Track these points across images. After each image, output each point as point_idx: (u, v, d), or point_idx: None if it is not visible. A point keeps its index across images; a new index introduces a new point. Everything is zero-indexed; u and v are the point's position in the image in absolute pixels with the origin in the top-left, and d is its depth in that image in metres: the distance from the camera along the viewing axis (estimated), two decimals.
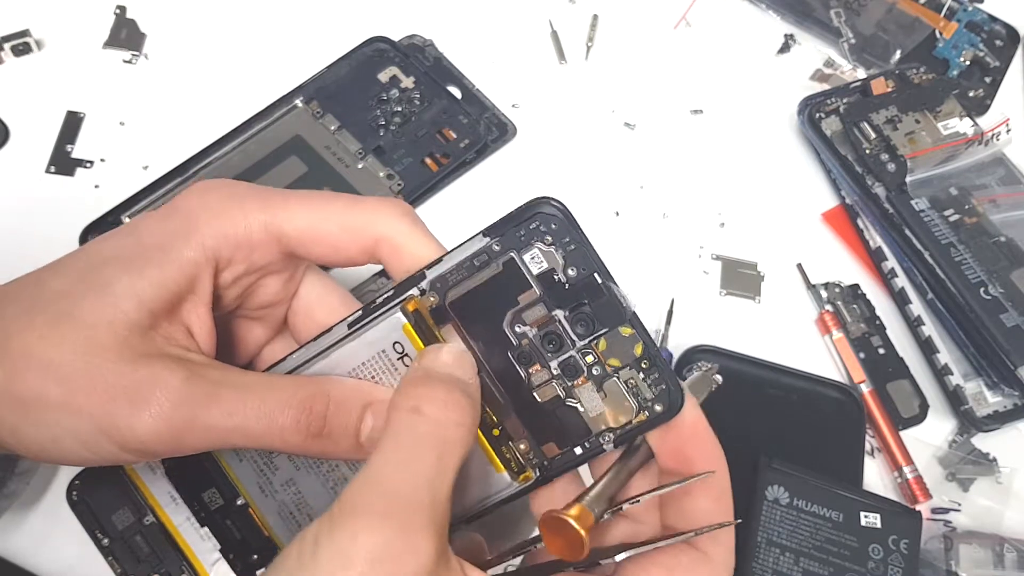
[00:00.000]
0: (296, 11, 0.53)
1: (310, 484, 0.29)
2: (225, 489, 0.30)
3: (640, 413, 0.27)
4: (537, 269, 0.26)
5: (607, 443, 0.27)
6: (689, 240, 0.49)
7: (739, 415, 0.43)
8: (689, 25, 0.56)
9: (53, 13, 0.50)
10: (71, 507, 0.36)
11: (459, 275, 0.27)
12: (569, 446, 0.27)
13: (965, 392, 0.45)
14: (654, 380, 0.26)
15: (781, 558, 0.38)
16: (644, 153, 0.52)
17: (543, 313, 0.26)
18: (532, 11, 0.55)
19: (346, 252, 0.28)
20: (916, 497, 0.42)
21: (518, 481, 0.27)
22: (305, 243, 0.28)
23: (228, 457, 0.30)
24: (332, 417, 0.26)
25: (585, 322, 0.26)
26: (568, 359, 0.27)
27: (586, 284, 0.26)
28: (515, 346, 0.27)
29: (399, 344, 0.27)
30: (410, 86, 0.49)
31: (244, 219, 0.27)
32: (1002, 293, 0.44)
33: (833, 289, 0.48)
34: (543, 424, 0.27)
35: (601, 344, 0.26)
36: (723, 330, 0.46)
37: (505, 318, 0.27)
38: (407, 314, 0.27)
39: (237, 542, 0.30)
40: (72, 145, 0.47)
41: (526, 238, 0.26)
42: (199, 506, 0.30)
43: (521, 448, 0.27)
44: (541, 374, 0.27)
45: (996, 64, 0.55)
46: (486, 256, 0.26)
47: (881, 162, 0.48)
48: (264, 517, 0.30)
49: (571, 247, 0.26)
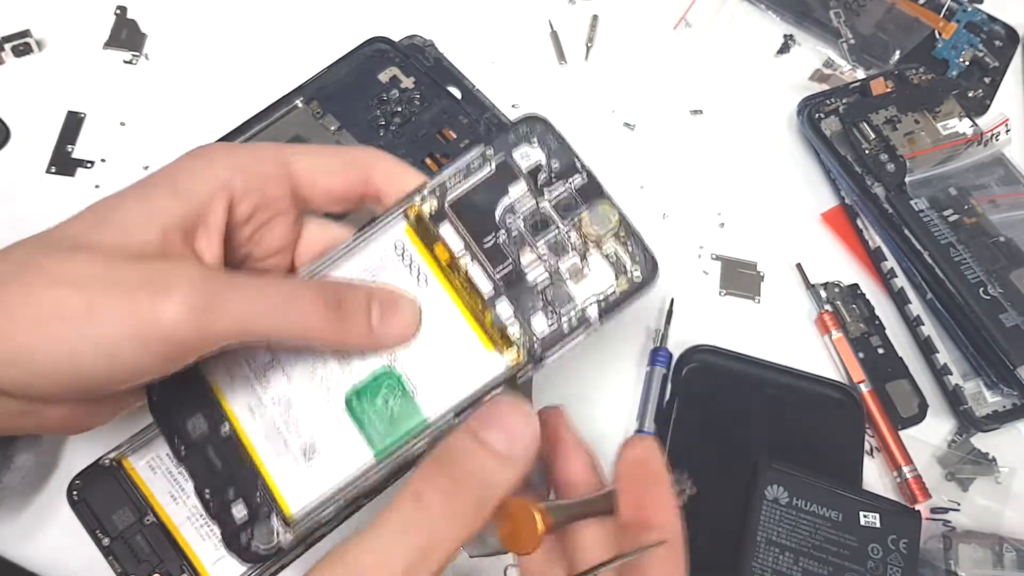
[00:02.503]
0: (296, 11, 0.53)
1: (302, 396, 0.30)
2: (211, 415, 0.30)
3: (620, 281, 0.29)
4: (525, 164, 0.30)
5: (592, 312, 0.29)
6: (689, 240, 0.49)
7: (739, 415, 0.43)
8: (689, 25, 0.56)
9: (53, 13, 0.50)
10: (71, 507, 0.36)
11: (456, 179, 0.30)
12: (557, 320, 0.29)
13: (964, 392, 0.45)
14: (631, 251, 0.30)
15: (780, 558, 0.38)
16: (644, 153, 0.52)
17: (531, 202, 0.30)
18: (532, 11, 0.55)
19: (347, 183, 0.31)
20: (915, 497, 0.43)
21: (511, 362, 0.29)
22: (311, 175, 0.30)
23: (219, 378, 0.30)
24: (345, 297, 0.28)
25: (568, 202, 0.30)
26: (554, 237, 0.30)
27: (569, 172, 0.30)
28: (507, 233, 0.30)
29: (400, 243, 0.30)
30: (410, 86, 0.49)
31: (255, 153, 0.29)
32: (1001, 293, 0.44)
33: (832, 289, 0.48)
34: (533, 303, 0.29)
35: (583, 219, 0.30)
36: (723, 330, 0.46)
37: (498, 210, 0.30)
38: (408, 218, 0.30)
39: (217, 474, 0.29)
40: (73, 145, 0.47)
41: (515, 140, 0.30)
42: (180, 439, 0.30)
43: (512, 329, 0.29)
44: (530, 256, 0.30)
45: (995, 64, 0.55)
46: (481, 160, 0.30)
47: (880, 162, 0.48)
48: (250, 440, 0.30)
49: (554, 145, 0.30)
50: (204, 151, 0.29)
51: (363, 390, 0.30)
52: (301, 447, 0.29)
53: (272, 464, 0.29)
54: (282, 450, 0.30)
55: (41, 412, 0.29)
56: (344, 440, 0.29)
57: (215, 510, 0.29)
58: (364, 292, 0.29)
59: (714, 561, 0.39)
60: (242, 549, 0.28)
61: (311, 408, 0.30)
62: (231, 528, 0.29)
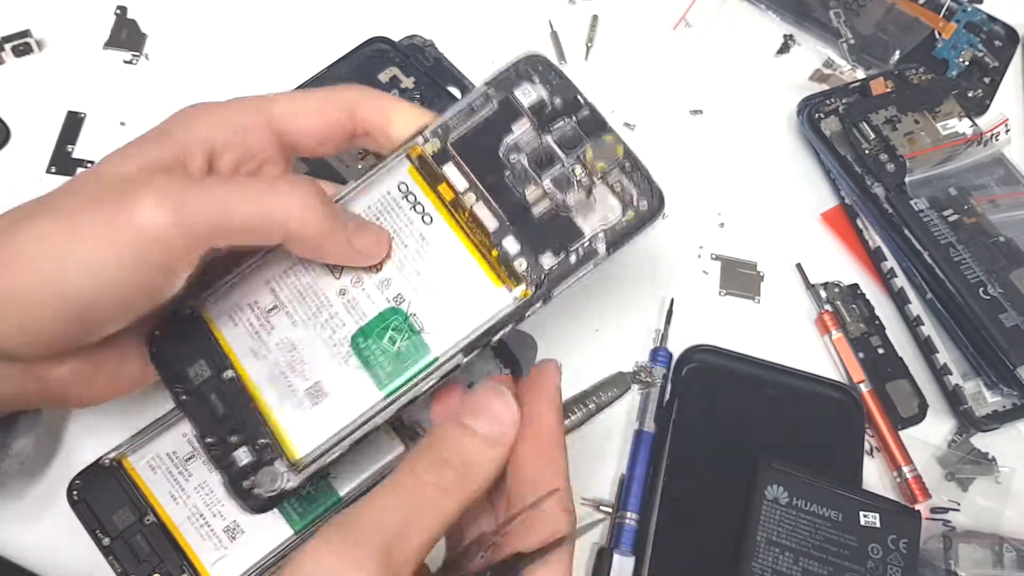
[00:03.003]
0: (296, 11, 0.53)
1: (307, 339, 0.30)
2: (214, 359, 0.30)
3: (627, 211, 0.29)
4: (527, 101, 0.30)
5: (600, 243, 0.29)
6: (689, 240, 0.49)
7: (739, 415, 0.43)
8: (689, 25, 0.56)
9: (54, 14, 0.50)
10: (71, 507, 0.36)
11: (459, 120, 0.30)
12: (565, 253, 0.29)
13: (964, 392, 0.45)
14: (636, 179, 0.30)
15: (780, 557, 0.38)
16: (644, 153, 0.51)
17: (534, 137, 0.30)
18: (532, 11, 0.55)
19: (329, 121, 0.30)
20: (915, 497, 0.43)
21: (519, 296, 0.29)
22: (292, 119, 0.30)
23: (222, 322, 0.30)
24: (335, 206, 0.28)
25: (572, 134, 0.30)
26: (559, 172, 0.30)
27: (571, 106, 0.30)
28: (511, 170, 0.30)
29: (403, 184, 0.30)
30: (410, 86, 0.49)
31: (234, 105, 0.30)
32: (1001, 293, 0.44)
33: (832, 289, 0.48)
34: (540, 238, 0.29)
35: (588, 152, 0.30)
36: (723, 330, 0.46)
37: (501, 147, 0.30)
38: (411, 159, 0.30)
39: (220, 420, 0.29)
40: (73, 145, 0.47)
41: (516, 78, 0.30)
42: (182, 387, 0.30)
43: (520, 264, 0.29)
44: (536, 191, 0.29)
45: (995, 64, 0.55)
46: (483, 100, 0.30)
47: (880, 162, 0.48)
48: (255, 384, 0.30)
49: (555, 81, 0.30)
50: (188, 109, 0.30)
51: (369, 329, 0.29)
52: (307, 390, 0.29)
53: (277, 408, 0.29)
54: (287, 393, 0.29)
55: (44, 375, 0.29)
56: (351, 381, 0.29)
57: (218, 455, 0.29)
58: (342, 209, 0.29)
59: (714, 561, 0.39)
60: (245, 494, 0.28)
61: (316, 350, 0.29)
62: (235, 473, 0.28)
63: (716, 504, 0.40)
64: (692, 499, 0.41)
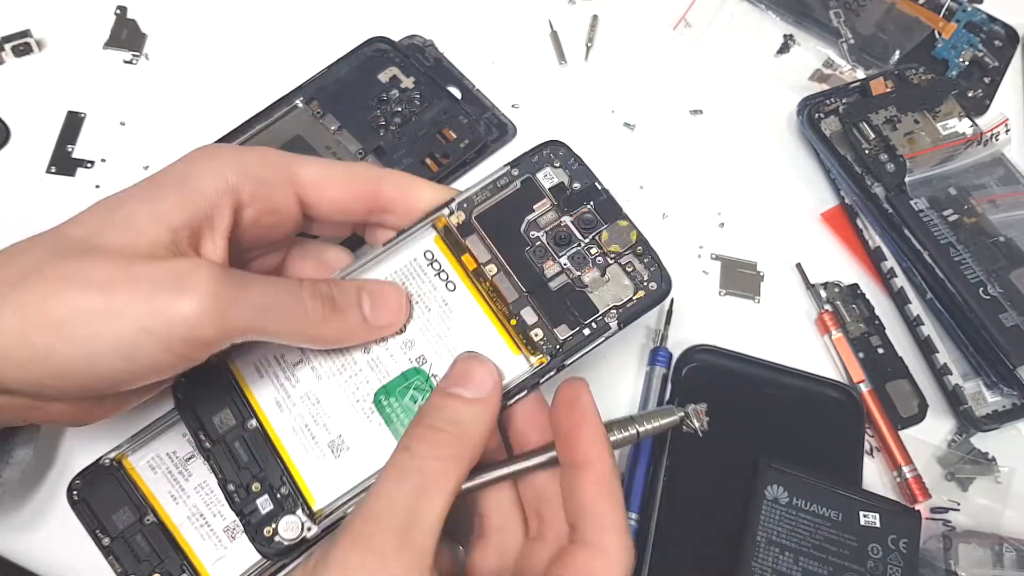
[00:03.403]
0: (296, 11, 0.53)
1: (330, 393, 0.31)
2: (239, 409, 0.31)
3: (638, 291, 0.32)
4: (549, 184, 0.33)
5: (612, 320, 0.31)
6: (689, 240, 0.49)
7: (739, 415, 0.43)
8: (689, 25, 0.56)
9: (54, 14, 0.50)
10: (71, 507, 0.36)
11: (483, 196, 0.33)
12: (579, 327, 0.31)
13: (964, 392, 0.45)
14: (647, 263, 0.32)
15: (780, 557, 0.38)
16: (644, 153, 0.52)
17: (554, 217, 0.32)
18: (532, 11, 0.55)
19: (353, 193, 0.31)
20: (915, 496, 0.43)
21: (534, 363, 0.31)
22: (317, 184, 0.30)
23: (248, 374, 0.31)
24: (337, 294, 0.29)
25: (589, 219, 0.32)
26: (576, 252, 0.32)
27: (588, 191, 0.33)
28: (531, 246, 0.32)
29: (429, 252, 0.32)
30: (410, 86, 0.49)
31: (263, 158, 0.30)
32: (1001, 293, 0.44)
33: (832, 289, 0.48)
34: (556, 311, 0.31)
35: (603, 235, 0.32)
36: (723, 330, 0.46)
37: (522, 224, 0.32)
38: (437, 229, 0.32)
39: (242, 468, 0.30)
40: (73, 145, 0.47)
41: (539, 162, 0.33)
42: (206, 435, 0.31)
43: (536, 334, 0.31)
44: (553, 267, 0.32)
45: (995, 64, 0.55)
46: (507, 179, 0.33)
47: (880, 162, 0.48)
48: (277, 434, 0.31)
49: (575, 166, 0.33)
50: (212, 151, 0.29)
51: (391, 387, 0.31)
52: (329, 443, 0.30)
53: (299, 458, 0.30)
54: (310, 445, 0.30)
55: (47, 406, 0.29)
56: (373, 437, 0.30)
57: (239, 503, 0.30)
58: (353, 287, 0.30)
59: (714, 561, 0.39)
60: (266, 542, 0.29)
61: (340, 405, 0.31)
62: (256, 521, 0.29)
63: (716, 504, 0.40)
64: (692, 499, 0.41)
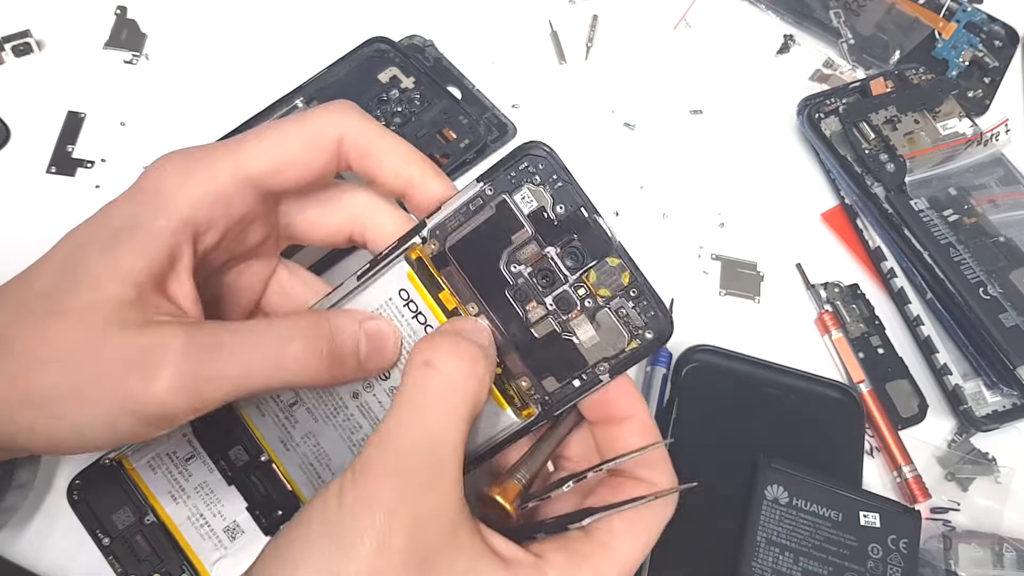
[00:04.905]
0: (296, 11, 0.53)
1: (328, 435, 0.30)
2: (249, 446, 0.31)
3: (632, 341, 0.28)
4: (528, 208, 0.28)
5: (603, 373, 0.28)
6: (689, 240, 0.49)
7: (739, 415, 0.43)
8: (689, 26, 0.56)
9: (54, 14, 0.50)
10: (71, 507, 0.36)
11: (457, 220, 0.28)
12: (568, 379, 0.28)
13: (964, 392, 0.45)
14: (643, 308, 0.28)
15: (780, 557, 0.38)
16: (644, 153, 0.52)
17: (536, 250, 0.28)
18: (532, 11, 0.55)
19: (315, 164, 0.28)
20: (915, 497, 0.43)
21: (521, 417, 0.28)
22: (274, 174, 0.28)
23: (251, 413, 0.31)
24: (336, 338, 0.27)
25: (575, 255, 0.28)
26: (561, 293, 0.28)
27: (574, 219, 0.28)
28: (511, 285, 0.28)
29: (404, 291, 0.29)
30: (410, 86, 0.49)
31: (210, 175, 0.27)
32: (1001, 293, 0.44)
33: (832, 289, 0.48)
34: (542, 359, 0.28)
35: (591, 276, 0.28)
36: (723, 330, 0.46)
37: (501, 258, 0.28)
38: (410, 262, 0.29)
39: (262, 498, 0.31)
40: (73, 145, 0.47)
41: (516, 179, 0.28)
42: (226, 464, 0.31)
43: (523, 385, 0.28)
44: (537, 310, 0.28)
45: (995, 64, 0.55)
46: (480, 200, 0.28)
47: (880, 162, 0.48)
48: (287, 471, 0.31)
49: (558, 184, 0.27)
50: (155, 177, 0.27)
51: None
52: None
53: (309, 494, 0.31)
54: (317, 482, 0.31)
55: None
56: None
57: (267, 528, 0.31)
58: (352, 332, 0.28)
59: (714, 561, 0.39)
60: None
61: (338, 447, 0.30)
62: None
63: (716, 504, 0.40)
64: (692, 499, 0.41)
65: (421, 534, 0.23)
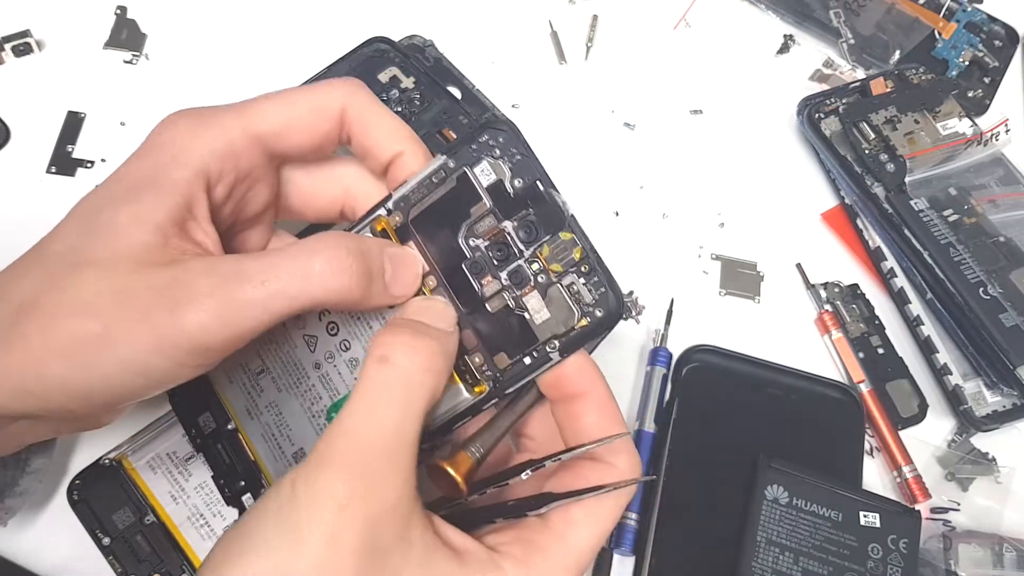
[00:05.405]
0: (296, 11, 0.53)
1: (290, 405, 0.31)
2: (217, 413, 0.31)
3: (582, 319, 0.27)
4: (487, 181, 0.28)
5: (553, 351, 0.27)
6: (689, 240, 0.49)
7: (739, 415, 0.43)
8: (689, 26, 0.56)
9: (54, 14, 0.50)
10: (72, 507, 0.36)
11: (420, 193, 0.29)
12: (518, 356, 0.28)
13: (964, 392, 0.45)
14: (594, 284, 0.27)
15: (780, 557, 0.38)
16: (644, 153, 0.52)
17: (493, 224, 0.28)
18: (532, 11, 0.55)
19: (318, 131, 0.29)
20: (915, 497, 0.43)
21: (473, 393, 0.28)
22: (281, 134, 0.29)
23: (220, 381, 0.32)
24: (360, 254, 0.27)
25: (528, 228, 0.27)
26: (515, 268, 0.28)
27: (530, 192, 0.28)
28: (469, 258, 0.28)
29: None
30: (410, 86, 0.49)
31: (221, 131, 0.28)
32: (1001, 293, 0.44)
33: (832, 289, 0.48)
34: (495, 335, 0.28)
35: (544, 250, 0.27)
36: (723, 330, 0.46)
37: (460, 231, 0.28)
38: (375, 233, 0.29)
39: (227, 467, 0.31)
40: (73, 145, 0.47)
41: (477, 152, 0.28)
42: (196, 432, 0.32)
43: (475, 361, 0.28)
44: (492, 285, 0.28)
45: (995, 64, 0.55)
46: (443, 173, 0.28)
47: (880, 162, 0.48)
48: (250, 440, 0.31)
49: (516, 158, 0.28)
50: (169, 129, 0.28)
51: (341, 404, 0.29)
52: (292, 454, 0.31)
53: (271, 465, 0.31)
54: (278, 454, 0.31)
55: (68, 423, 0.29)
56: None
57: (229, 498, 0.31)
58: (376, 252, 0.28)
59: (714, 561, 0.39)
60: None
61: (299, 418, 0.30)
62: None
63: (716, 504, 0.40)
64: (692, 499, 0.41)
65: (373, 529, 0.23)
